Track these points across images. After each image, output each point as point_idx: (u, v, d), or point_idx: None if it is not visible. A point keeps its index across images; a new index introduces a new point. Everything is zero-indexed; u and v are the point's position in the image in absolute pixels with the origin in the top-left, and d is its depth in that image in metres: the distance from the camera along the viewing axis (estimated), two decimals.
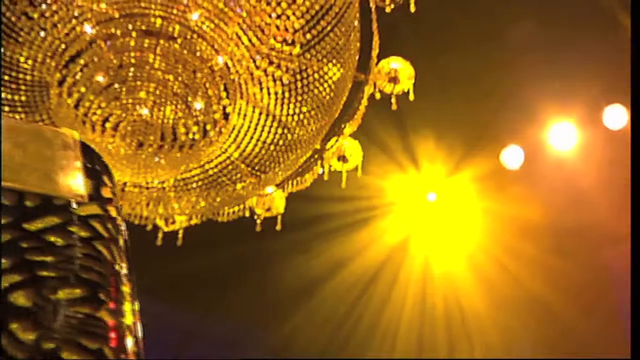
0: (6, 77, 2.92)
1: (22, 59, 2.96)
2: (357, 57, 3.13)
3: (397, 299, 4.65)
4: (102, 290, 0.76)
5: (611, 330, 3.94)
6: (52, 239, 0.75)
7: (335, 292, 4.59)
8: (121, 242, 0.80)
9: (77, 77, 2.92)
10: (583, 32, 3.67)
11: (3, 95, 2.97)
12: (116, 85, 2.92)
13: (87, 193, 0.80)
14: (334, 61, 3.05)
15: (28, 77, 2.99)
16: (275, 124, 3.13)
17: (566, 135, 4.24)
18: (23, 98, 3.04)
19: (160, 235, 3.40)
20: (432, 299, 4.67)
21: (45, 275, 0.73)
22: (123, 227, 0.82)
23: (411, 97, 3.14)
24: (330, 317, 4.72)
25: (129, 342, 0.77)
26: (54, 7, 2.78)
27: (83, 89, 2.94)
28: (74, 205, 0.78)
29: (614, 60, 3.56)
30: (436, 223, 4.43)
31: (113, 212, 0.81)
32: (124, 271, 0.79)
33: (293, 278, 4.44)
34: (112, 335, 0.75)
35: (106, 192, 0.83)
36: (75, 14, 2.81)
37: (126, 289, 0.80)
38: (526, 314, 4.47)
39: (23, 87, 3.02)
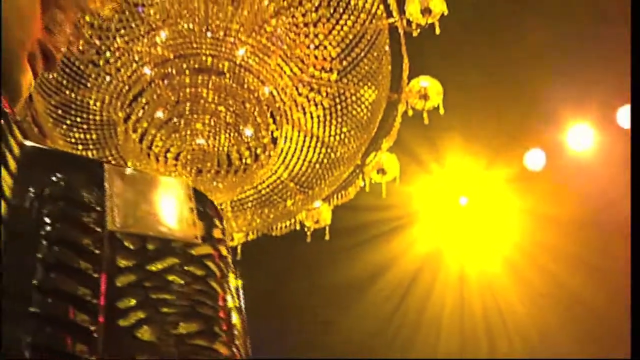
0: (78, 119, 3.00)
1: (91, 102, 3.05)
2: (389, 79, 3.15)
3: (436, 300, 4.61)
4: (216, 324, 0.80)
5: None
6: (171, 278, 0.79)
7: (377, 296, 4.59)
8: (231, 278, 0.84)
9: (140, 114, 3.00)
10: (592, 32, 3.64)
11: (76, 135, 3.05)
12: (175, 120, 2.99)
13: (200, 235, 0.84)
14: (369, 84, 3.10)
15: (97, 118, 3.08)
16: (319, 145, 3.17)
17: (583, 136, 4.20)
18: (94, 136, 3.13)
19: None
20: (470, 300, 4.64)
21: (167, 312, 0.77)
22: (231, 263, 0.86)
23: (441, 111, 3.15)
24: (369, 326, 4.70)
25: None
26: (117, 54, 2.85)
27: (146, 125, 3.01)
28: (190, 247, 0.83)
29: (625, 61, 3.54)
30: (470, 225, 4.37)
31: (224, 251, 0.85)
32: (236, 305, 0.84)
33: (333, 285, 4.42)
34: None
35: (217, 233, 0.86)
36: (136, 58, 2.88)
37: (237, 322, 0.84)
38: (565, 312, 4.37)
39: (93, 127, 3.11)
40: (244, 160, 3.10)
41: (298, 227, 3.49)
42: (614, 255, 4.11)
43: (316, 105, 3.11)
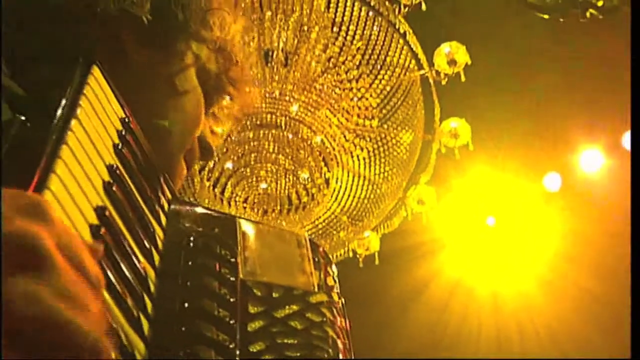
0: None
1: None
2: (423, 122, 3.17)
3: (473, 321, 4.48)
4: None
5: None
6: (293, 324, 0.80)
7: (424, 307, 4.44)
8: (342, 322, 0.85)
9: (212, 166, 3.02)
10: (598, 72, 3.64)
11: None
12: (242, 169, 3.02)
13: (317, 283, 0.85)
14: (406, 128, 3.13)
15: None
16: (365, 182, 3.20)
17: (594, 159, 4.16)
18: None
19: None
20: (504, 320, 4.45)
21: (291, 356, 0.78)
22: (341, 306, 0.88)
23: (470, 147, 3.15)
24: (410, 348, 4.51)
25: None
26: None
27: (217, 174, 3.05)
28: (308, 295, 0.84)
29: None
30: (499, 244, 4.31)
31: (335, 297, 0.86)
32: (346, 347, 0.85)
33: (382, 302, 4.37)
34: None
35: (330, 281, 0.88)
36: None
37: None
38: (600, 322, 4.18)
39: None
40: (302, 200, 3.13)
41: (351, 254, 3.48)
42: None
43: (361, 149, 3.14)
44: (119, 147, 0.71)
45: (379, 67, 3.03)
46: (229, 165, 3.05)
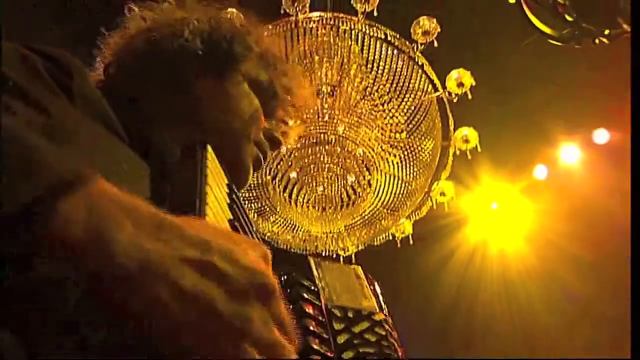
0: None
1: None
2: (441, 132, 3.11)
3: (487, 270, 4.52)
4: None
5: None
6: (367, 336, 0.79)
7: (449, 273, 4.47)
8: (395, 333, 0.84)
9: (281, 175, 3.00)
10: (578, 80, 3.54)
11: (244, 194, 3.07)
12: (303, 177, 2.98)
13: (376, 305, 0.84)
14: (428, 137, 3.08)
15: (256, 182, 3.09)
16: (399, 182, 3.15)
17: (572, 152, 4.08)
18: (253, 194, 3.15)
19: (341, 259, 3.41)
20: (508, 267, 4.49)
21: None
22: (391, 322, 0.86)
23: (479, 149, 3.06)
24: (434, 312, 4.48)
25: None
26: None
27: (285, 182, 3.01)
28: (373, 315, 0.82)
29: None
30: (501, 223, 4.24)
31: (387, 314, 0.85)
32: (403, 352, 0.83)
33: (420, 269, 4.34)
34: None
35: (382, 303, 0.87)
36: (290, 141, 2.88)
37: None
38: (574, 265, 4.14)
39: (254, 188, 3.11)
40: (351, 198, 3.09)
41: (390, 237, 3.42)
42: (601, 237, 3.92)
43: (394, 156, 3.10)
44: (231, 204, 0.72)
45: (404, 92, 3.00)
46: (293, 175, 3.04)
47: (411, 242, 3.44)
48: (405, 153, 3.11)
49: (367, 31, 2.86)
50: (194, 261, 0.44)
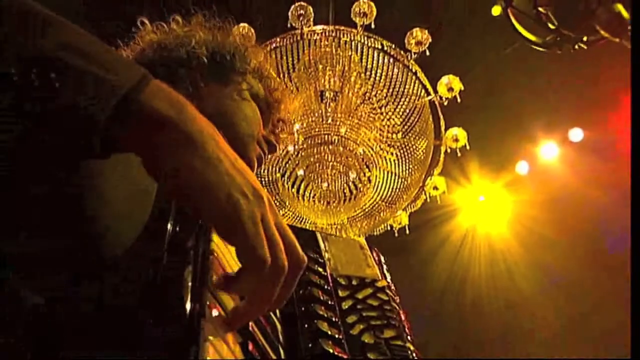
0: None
1: (263, 173, 3.02)
2: (433, 132, 3.05)
3: (476, 252, 4.54)
4: (403, 330, 0.75)
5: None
6: (370, 302, 0.75)
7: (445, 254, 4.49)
8: (397, 298, 0.80)
9: (289, 173, 2.95)
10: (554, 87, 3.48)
11: None
12: (310, 174, 2.94)
13: (379, 273, 0.80)
14: (422, 137, 3.01)
15: (266, 179, 3.05)
16: (396, 178, 3.10)
17: (551, 149, 4.04)
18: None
19: None
20: (493, 249, 4.49)
21: (375, 324, 0.72)
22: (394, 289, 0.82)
23: (468, 147, 3.01)
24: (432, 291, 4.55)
25: None
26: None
27: (293, 179, 2.96)
28: (375, 282, 0.78)
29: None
30: (488, 213, 4.19)
31: (389, 281, 0.81)
32: (406, 316, 0.79)
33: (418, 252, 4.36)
34: (417, 356, 0.74)
35: (384, 270, 0.83)
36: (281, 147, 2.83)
37: (408, 328, 0.79)
38: (552, 247, 4.17)
39: (265, 187, 3.07)
40: (352, 193, 3.04)
41: (388, 228, 3.37)
42: (576, 223, 3.94)
43: (391, 154, 3.03)
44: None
45: (399, 96, 2.95)
46: (301, 172, 3.00)
47: (407, 231, 3.43)
48: (401, 152, 3.07)
49: (366, 42, 2.87)
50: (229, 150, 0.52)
